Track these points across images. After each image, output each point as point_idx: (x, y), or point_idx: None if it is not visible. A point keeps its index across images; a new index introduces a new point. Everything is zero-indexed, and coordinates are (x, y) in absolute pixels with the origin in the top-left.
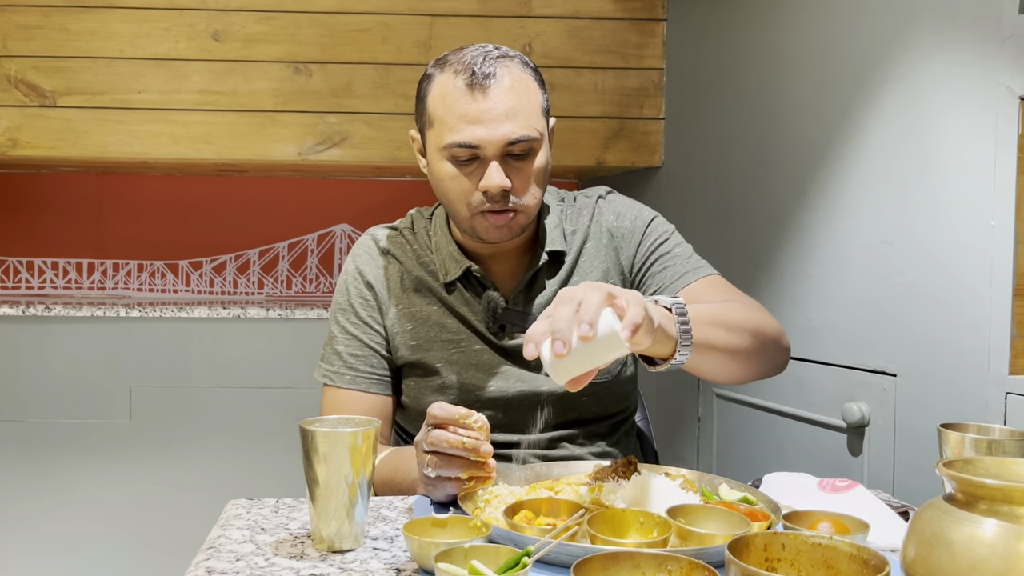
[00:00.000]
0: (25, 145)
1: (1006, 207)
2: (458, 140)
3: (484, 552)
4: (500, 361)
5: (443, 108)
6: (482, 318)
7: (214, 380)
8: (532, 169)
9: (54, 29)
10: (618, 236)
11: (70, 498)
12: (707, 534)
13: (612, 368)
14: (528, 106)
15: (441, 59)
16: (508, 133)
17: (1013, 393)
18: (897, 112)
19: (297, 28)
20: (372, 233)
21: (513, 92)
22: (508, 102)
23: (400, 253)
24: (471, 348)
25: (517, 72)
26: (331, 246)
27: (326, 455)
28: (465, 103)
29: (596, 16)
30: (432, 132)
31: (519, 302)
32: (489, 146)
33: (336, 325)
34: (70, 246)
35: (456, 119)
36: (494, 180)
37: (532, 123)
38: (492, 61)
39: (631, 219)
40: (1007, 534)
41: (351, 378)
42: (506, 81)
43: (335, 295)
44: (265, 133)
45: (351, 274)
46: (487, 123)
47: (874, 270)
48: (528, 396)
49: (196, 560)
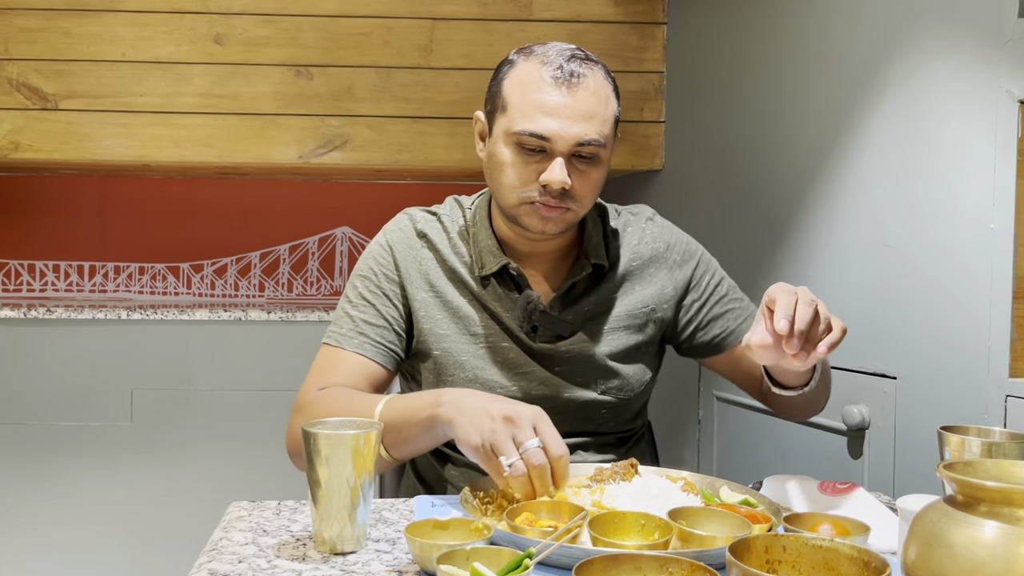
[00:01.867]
0: (27, 148)
1: (1006, 210)
2: (530, 129)
3: (486, 554)
4: (526, 361)
5: (520, 94)
6: (516, 316)
7: (215, 382)
8: (593, 176)
9: (56, 32)
10: (665, 267)
11: (71, 500)
12: (708, 536)
13: (636, 385)
14: (604, 113)
15: (526, 48)
16: (581, 133)
17: (1013, 396)
18: (897, 115)
19: (298, 31)
20: (410, 214)
21: (595, 96)
22: (588, 104)
23: (437, 239)
24: (498, 345)
25: (600, 79)
26: (332, 249)
27: (328, 457)
28: (546, 94)
29: (597, 20)
30: (503, 116)
31: (555, 307)
32: (560, 142)
33: (353, 290)
34: (71, 249)
35: (533, 108)
36: (556, 176)
37: (604, 130)
38: (580, 61)
39: (680, 253)
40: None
41: (358, 343)
42: (591, 84)
43: (359, 263)
44: (266, 136)
45: (381, 247)
46: (564, 119)
47: (874, 273)
48: (548, 400)
49: (198, 562)
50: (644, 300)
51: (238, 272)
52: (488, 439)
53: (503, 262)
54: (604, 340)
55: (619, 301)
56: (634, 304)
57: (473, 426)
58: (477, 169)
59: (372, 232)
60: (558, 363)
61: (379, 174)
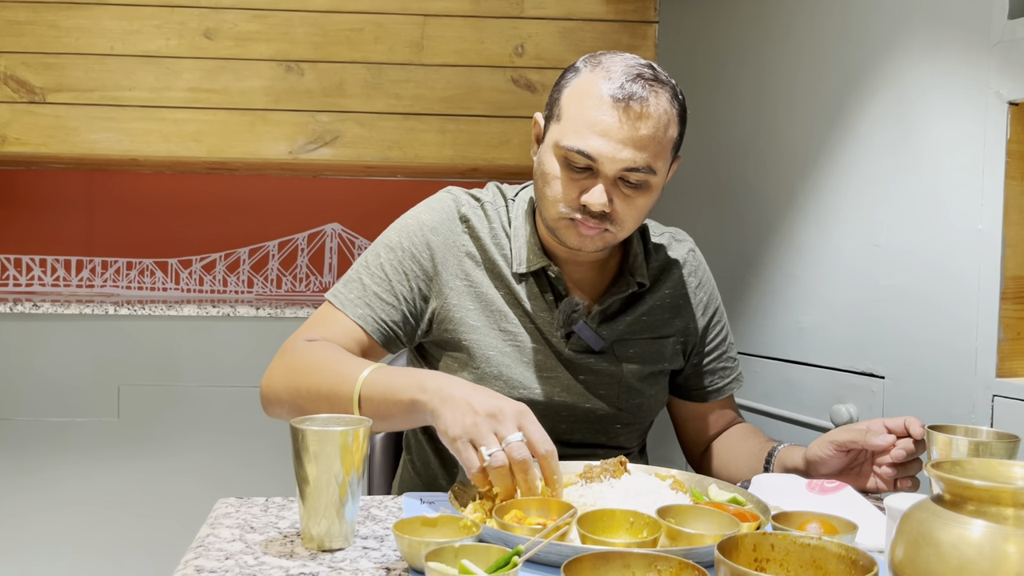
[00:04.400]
0: (14, 142)
1: (994, 211)
2: (578, 147)
3: (474, 551)
4: (554, 365)
5: (577, 107)
6: (555, 319)
7: (203, 379)
8: (639, 201)
9: (44, 25)
10: (694, 303)
11: (58, 496)
12: (697, 534)
13: (655, 406)
14: (661, 141)
15: (595, 58)
16: (630, 159)
17: (1000, 396)
18: (887, 116)
19: (289, 27)
20: (455, 195)
21: (653, 122)
22: (644, 130)
23: (479, 226)
24: (528, 345)
25: (665, 103)
26: (321, 245)
27: (316, 454)
28: (602, 112)
29: (588, 18)
30: (556, 126)
31: (594, 319)
32: (608, 164)
33: (375, 257)
34: (59, 243)
35: (586, 125)
36: (596, 199)
37: (658, 159)
38: (645, 83)
39: (708, 294)
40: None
41: (362, 313)
42: (651, 108)
43: (390, 231)
44: (256, 132)
45: (418, 223)
46: (615, 142)
47: (863, 273)
48: (568, 407)
49: (185, 559)
50: (673, 330)
51: (227, 268)
52: (469, 432)
53: (543, 263)
54: (632, 361)
55: (650, 326)
56: (664, 331)
57: (455, 418)
58: (467, 166)
59: (362, 229)
60: (583, 372)
61: (369, 170)
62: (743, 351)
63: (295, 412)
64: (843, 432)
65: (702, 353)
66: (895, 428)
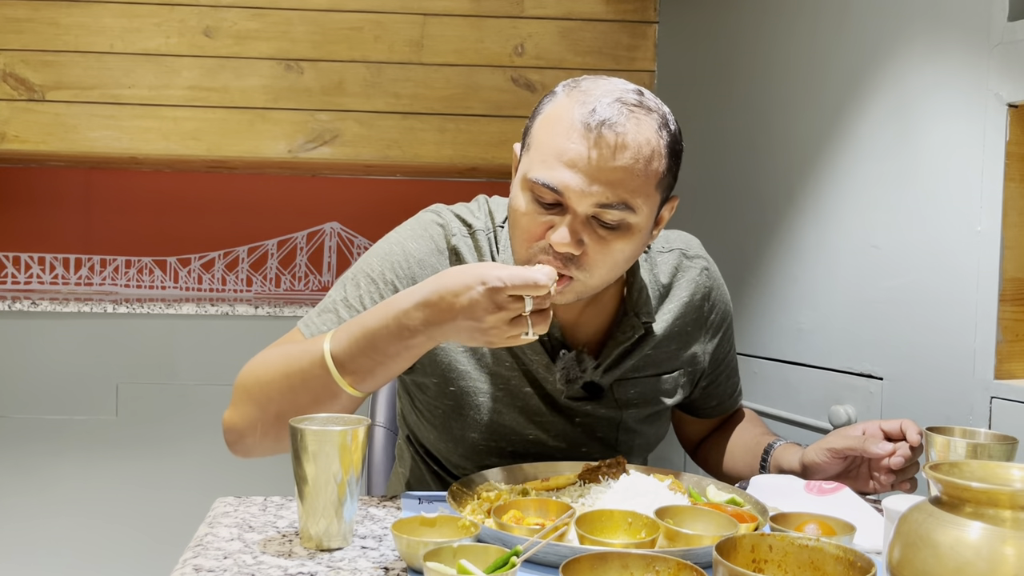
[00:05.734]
0: (13, 139)
1: (993, 213)
2: (544, 179)
3: (473, 551)
4: (547, 412)
5: (547, 135)
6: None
7: (201, 377)
8: (616, 246)
9: (44, 23)
10: (704, 329)
11: (55, 495)
12: (695, 535)
13: (655, 442)
14: (641, 175)
15: (576, 81)
16: (600, 195)
17: (998, 397)
18: (886, 117)
19: (289, 25)
20: (445, 223)
21: (630, 153)
22: (619, 161)
23: (469, 260)
24: (520, 389)
25: (648, 132)
26: (320, 244)
27: (315, 453)
28: (571, 140)
29: (588, 18)
30: (526, 156)
31: (596, 374)
32: (575, 200)
33: (354, 287)
34: (57, 241)
35: (554, 155)
36: (559, 238)
37: (637, 196)
38: (626, 107)
39: (720, 315)
40: (992, 537)
41: None
42: (629, 137)
43: (370, 258)
44: (255, 130)
45: (404, 253)
46: (583, 175)
47: (862, 274)
48: (562, 452)
49: (183, 558)
50: (680, 363)
51: (225, 266)
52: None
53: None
54: (634, 402)
55: (655, 362)
56: (670, 366)
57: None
58: (467, 166)
59: (361, 228)
60: (579, 415)
61: (368, 169)
62: (743, 352)
63: (271, 424)
64: (840, 439)
65: (711, 375)
66: (892, 431)
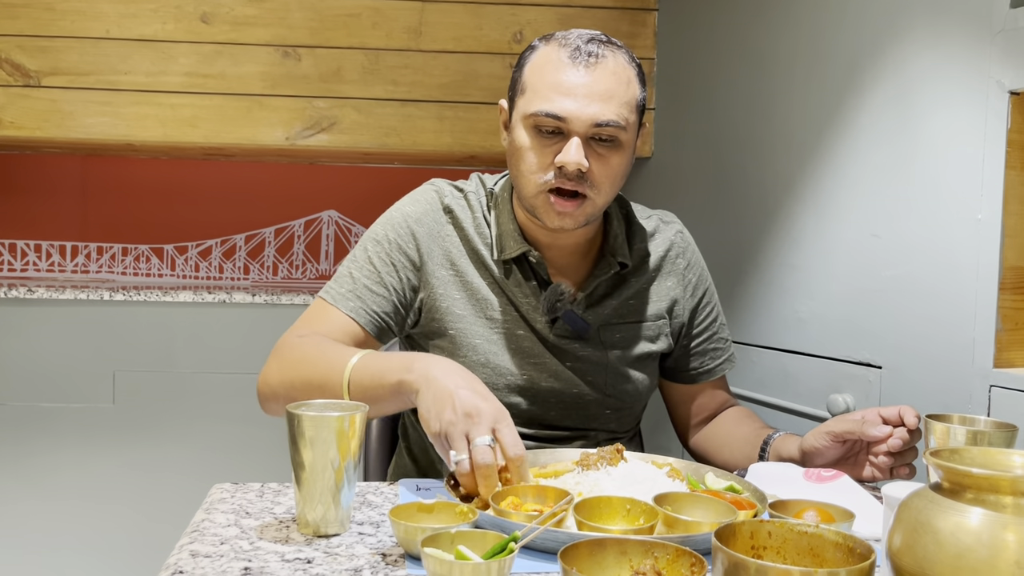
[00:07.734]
0: (9, 126)
1: (993, 201)
2: (546, 109)
3: (471, 537)
4: (541, 351)
5: (538, 76)
6: (540, 305)
7: (198, 365)
8: (614, 161)
9: (39, 8)
10: (682, 284)
11: (52, 482)
12: (693, 522)
13: (644, 391)
14: (625, 95)
15: (549, 35)
16: (598, 113)
17: (997, 386)
18: (887, 105)
19: (286, 12)
20: (438, 187)
21: (614, 77)
22: (606, 84)
23: (462, 216)
24: (514, 332)
25: (622, 61)
26: (318, 232)
27: (312, 439)
28: (563, 74)
29: (588, 5)
30: (522, 99)
31: (580, 305)
32: (576, 122)
33: (362, 251)
34: (53, 228)
35: (549, 88)
36: (572, 156)
37: (624, 112)
38: (600, 44)
39: (697, 275)
40: (992, 523)
41: (353, 306)
42: (610, 64)
43: (375, 226)
44: (253, 117)
45: (402, 215)
46: (580, 98)
47: (861, 263)
48: (556, 394)
49: (180, 543)
50: (660, 312)
51: (223, 254)
52: (445, 428)
53: (523, 248)
54: (619, 346)
55: (637, 309)
56: (651, 314)
57: (435, 411)
58: (465, 154)
59: (359, 216)
60: (570, 359)
61: (366, 157)
62: (741, 340)
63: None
64: (839, 423)
65: (691, 335)
66: (890, 417)
